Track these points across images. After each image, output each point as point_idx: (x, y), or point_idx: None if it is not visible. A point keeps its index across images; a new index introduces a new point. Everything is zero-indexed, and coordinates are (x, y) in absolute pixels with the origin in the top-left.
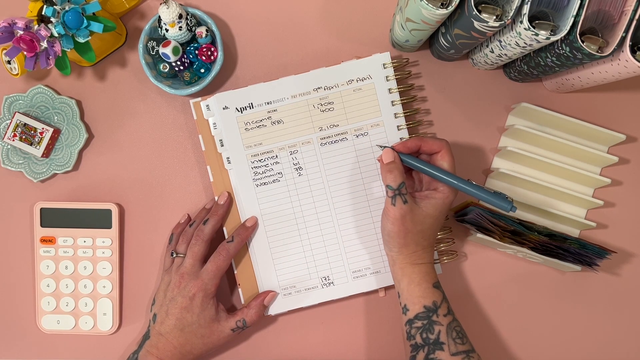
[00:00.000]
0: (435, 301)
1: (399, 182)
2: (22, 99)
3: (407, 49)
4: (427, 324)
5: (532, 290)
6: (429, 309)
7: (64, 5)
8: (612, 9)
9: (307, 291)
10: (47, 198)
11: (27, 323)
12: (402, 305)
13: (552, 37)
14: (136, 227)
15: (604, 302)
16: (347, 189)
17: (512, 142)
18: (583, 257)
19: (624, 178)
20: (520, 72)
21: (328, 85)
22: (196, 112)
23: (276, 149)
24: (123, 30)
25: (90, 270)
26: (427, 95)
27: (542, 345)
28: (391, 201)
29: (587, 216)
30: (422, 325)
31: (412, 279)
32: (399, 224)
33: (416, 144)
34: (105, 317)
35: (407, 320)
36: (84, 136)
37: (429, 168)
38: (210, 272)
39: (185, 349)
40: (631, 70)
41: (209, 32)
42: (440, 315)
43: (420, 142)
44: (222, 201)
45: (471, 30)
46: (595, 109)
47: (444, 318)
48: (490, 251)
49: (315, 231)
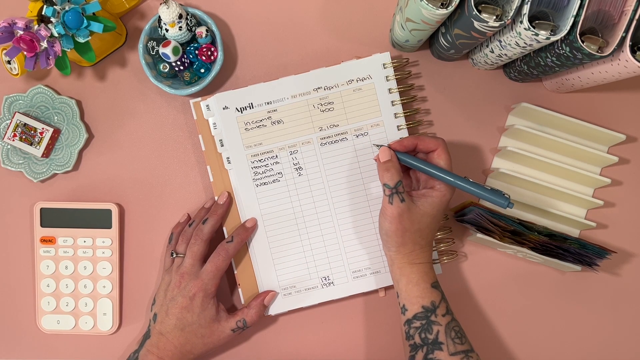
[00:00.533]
0: (433, 301)
1: (396, 180)
2: (22, 99)
3: (407, 49)
4: (426, 324)
5: (532, 290)
6: (427, 309)
7: (64, 5)
8: (612, 9)
9: (307, 291)
10: (47, 198)
11: (27, 323)
12: (400, 305)
13: (552, 37)
14: (136, 227)
15: (604, 302)
16: (347, 188)
17: (512, 142)
18: (583, 257)
19: (624, 178)
20: (520, 72)
21: (328, 85)
22: (196, 112)
23: (276, 149)
24: (123, 30)
25: (90, 270)
26: (427, 95)
27: (542, 345)
28: (388, 200)
29: (587, 216)
30: (421, 325)
31: (410, 279)
32: (396, 222)
33: (413, 143)
34: (105, 317)
35: (406, 320)
36: (84, 136)
37: (425, 166)
38: (210, 272)
39: (185, 348)
40: (631, 70)
41: (209, 32)
42: (438, 315)
43: (417, 141)
44: (221, 201)
45: (471, 30)
46: (595, 109)
47: (443, 318)
48: (490, 251)
49: (315, 231)
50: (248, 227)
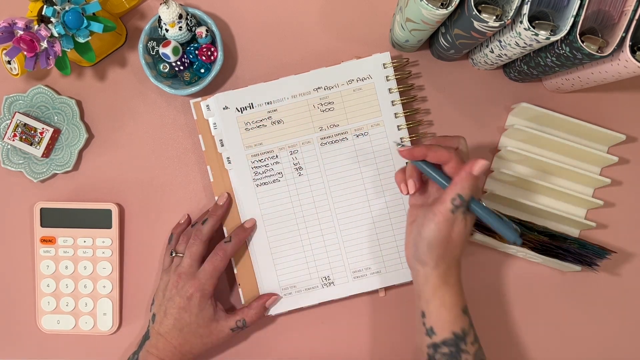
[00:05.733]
0: (464, 328)
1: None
2: (22, 99)
3: (407, 49)
4: (455, 352)
5: (532, 290)
6: (457, 337)
7: (64, 5)
8: (612, 9)
9: (308, 291)
10: (47, 198)
11: (27, 323)
12: (427, 326)
13: (552, 37)
14: (136, 227)
15: (604, 302)
16: (347, 188)
17: (512, 142)
18: (583, 257)
19: (624, 178)
20: (520, 72)
21: (328, 85)
22: (196, 112)
23: (276, 149)
24: (123, 30)
25: (90, 270)
26: (427, 95)
27: (542, 345)
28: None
29: (587, 216)
30: (450, 352)
31: (444, 302)
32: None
33: (422, 154)
34: (105, 317)
35: (432, 344)
36: (84, 136)
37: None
38: (208, 273)
39: (184, 348)
40: (631, 70)
41: (209, 32)
42: (468, 344)
43: (428, 151)
44: (221, 202)
45: (471, 30)
46: (595, 109)
47: (472, 346)
48: (490, 251)
49: (316, 231)
50: (247, 227)
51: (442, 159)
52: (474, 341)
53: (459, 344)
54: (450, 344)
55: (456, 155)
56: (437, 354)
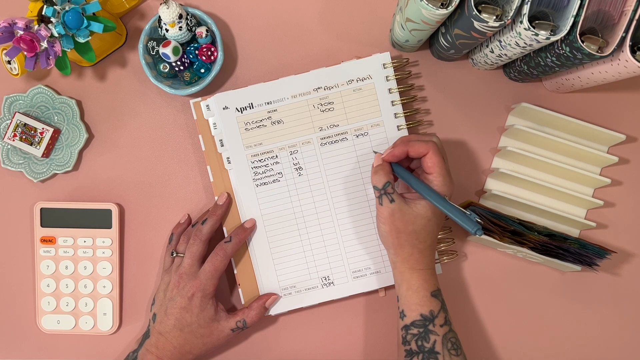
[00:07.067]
0: (432, 310)
1: (384, 182)
2: (22, 99)
3: (407, 49)
4: (423, 332)
5: (532, 290)
6: (425, 318)
7: (64, 5)
8: (612, 9)
9: (307, 291)
10: (47, 198)
11: (27, 323)
12: (400, 309)
13: (552, 37)
14: (136, 227)
15: (604, 302)
16: (347, 189)
17: (512, 142)
18: (583, 257)
19: (624, 178)
20: (520, 72)
21: (328, 85)
22: (196, 112)
23: (276, 149)
24: (123, 30)
25: (90, 270)
26: (427, 95)
27: (542, 345)
28: (379, 201)
29: (587, 216)
30: (418, 333)
31: (410, 285)
32: (389, 223)
33: (403, 151)
34: (105, 317)
35: (404, 326)
36: (84, 136)
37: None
38: (208, 273)
39: (184, 348)
40: (631, 70)
41: (209, 32)
42: (436, 325)
43: (407, 147)
44: (221, 202)
45: (471, 30)
46: (595, 109)
47: (441, 328)
48: (490, 251)
49: (315, 231)
50: (247, 227)
51: (420, 150)
52: (444, 323)
53: (427, 325)
54: (419, 325)
55: (433, 146)
56: (408, 335)
